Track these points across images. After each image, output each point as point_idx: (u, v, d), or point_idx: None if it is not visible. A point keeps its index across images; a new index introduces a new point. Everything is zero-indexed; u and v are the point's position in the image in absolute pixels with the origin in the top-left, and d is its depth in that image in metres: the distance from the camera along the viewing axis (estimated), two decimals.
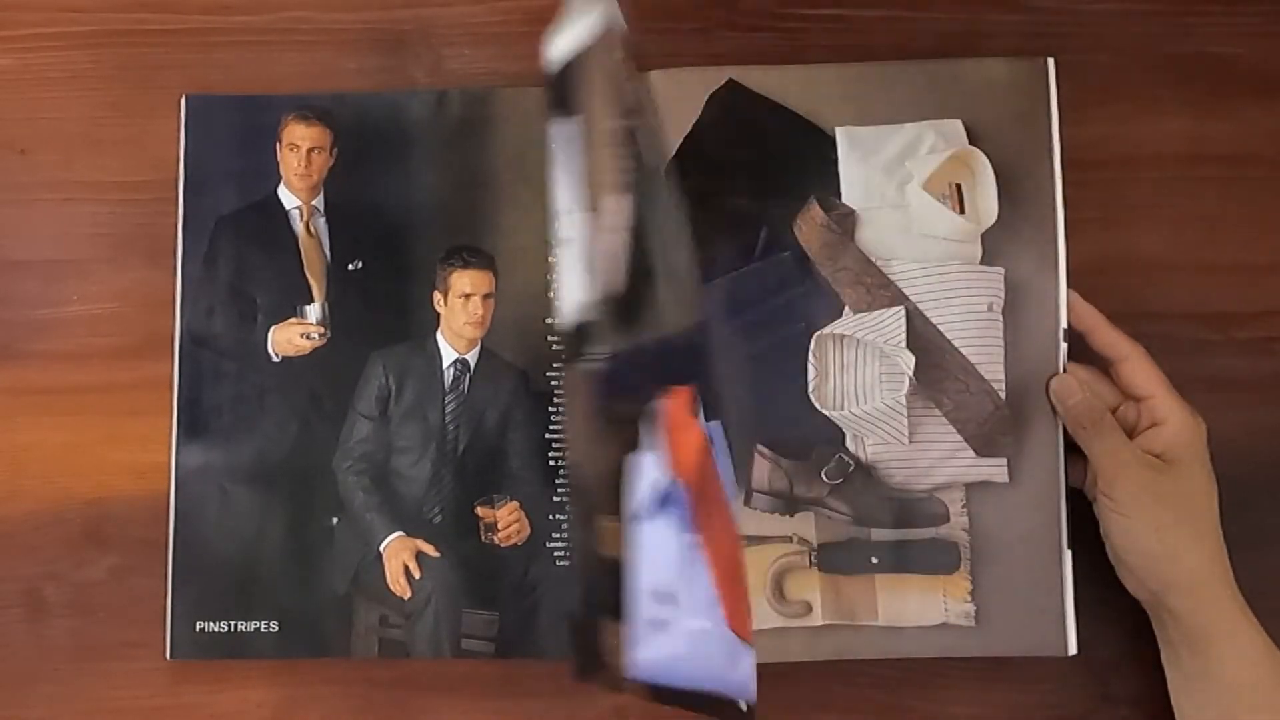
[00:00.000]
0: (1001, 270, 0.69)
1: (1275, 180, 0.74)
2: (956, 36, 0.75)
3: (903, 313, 0.68)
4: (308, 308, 0.71)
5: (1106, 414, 0.66)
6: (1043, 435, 0.68)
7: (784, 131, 0.70)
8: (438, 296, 0.71)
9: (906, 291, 0.69)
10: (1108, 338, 0.67)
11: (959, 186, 0.69)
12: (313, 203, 0.72)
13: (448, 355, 0.71)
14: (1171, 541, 0.64)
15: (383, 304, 0.71)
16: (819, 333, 0.69)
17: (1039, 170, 0.70)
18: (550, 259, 0.71)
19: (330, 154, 0.72)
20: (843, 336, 0.69)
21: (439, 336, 0.71)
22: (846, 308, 0.69)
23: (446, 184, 0.72)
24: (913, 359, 0.67)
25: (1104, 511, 0.65)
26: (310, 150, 0.72)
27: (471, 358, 0.71)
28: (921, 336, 0.68)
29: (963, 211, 0.69)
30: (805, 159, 0.70)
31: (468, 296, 0.71)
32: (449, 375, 0.71)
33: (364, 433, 0.71)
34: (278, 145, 0.72)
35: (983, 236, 0.69)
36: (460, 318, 0.71)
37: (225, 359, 0.71)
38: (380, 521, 0.70)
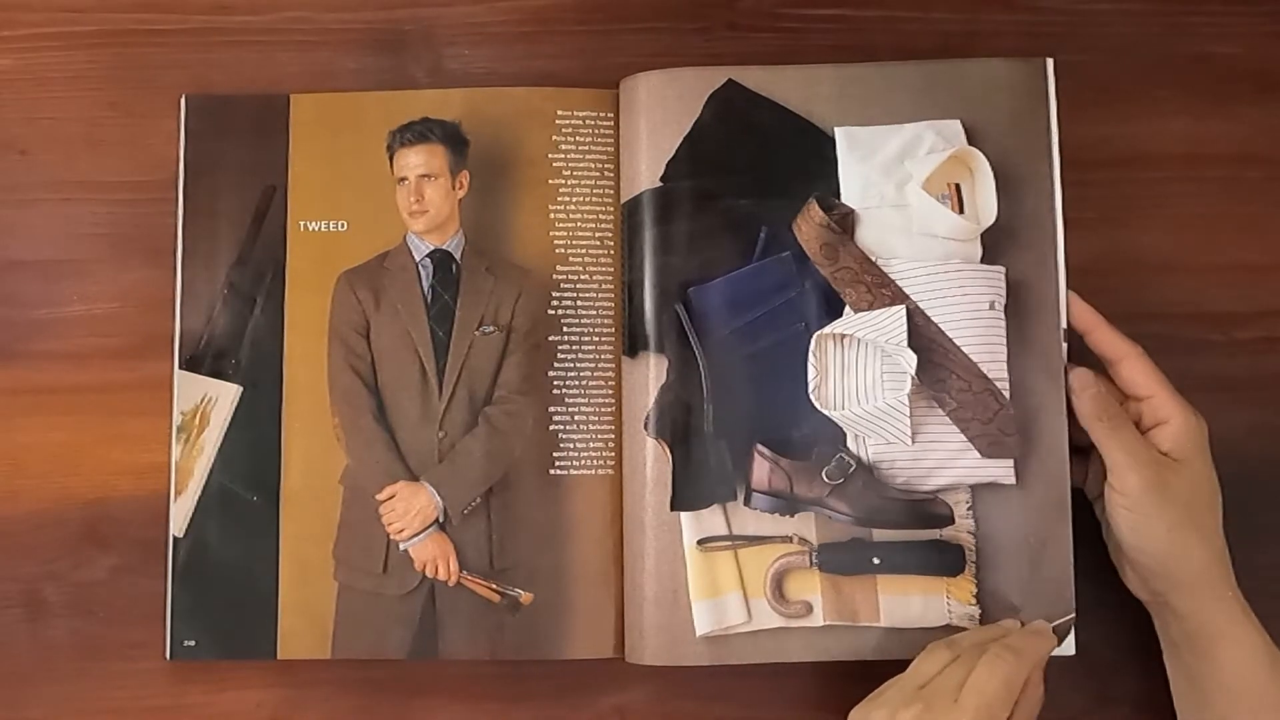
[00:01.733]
0: (1002, 269, 0.69)
1: (1275, 180, 0.74)
2: (956, 36, 0.75)
3: (903, 312, 0.68)
4: None
5: (1120, 408, 0.66)
6: (1049, 436, 0.68)
7: (784, 131, 0.70)
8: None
9: (907, 290, 0.69)
10: (1107, 338, 0.67)
11: (958, 186, 0.69)
12: None
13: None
14: (1179, 539, 0.64)
15: None
16: (819, 332, 0.69)
17: (1038, 170, 0.69)
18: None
19: None
20: (844, 336, 0.69)
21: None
22: (847, 307, 0.69)
23: None
24: (914, 358, 0.67)
25: (1114, 508, 0.65)
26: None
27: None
28: (923, 335, 0.68)
29: (962, 211, 0.69)
30: (805, 159, 0.70)
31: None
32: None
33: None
34: None
35: (982, 236, 0.69)
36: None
37: None
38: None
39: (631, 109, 0.71)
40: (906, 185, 0.69)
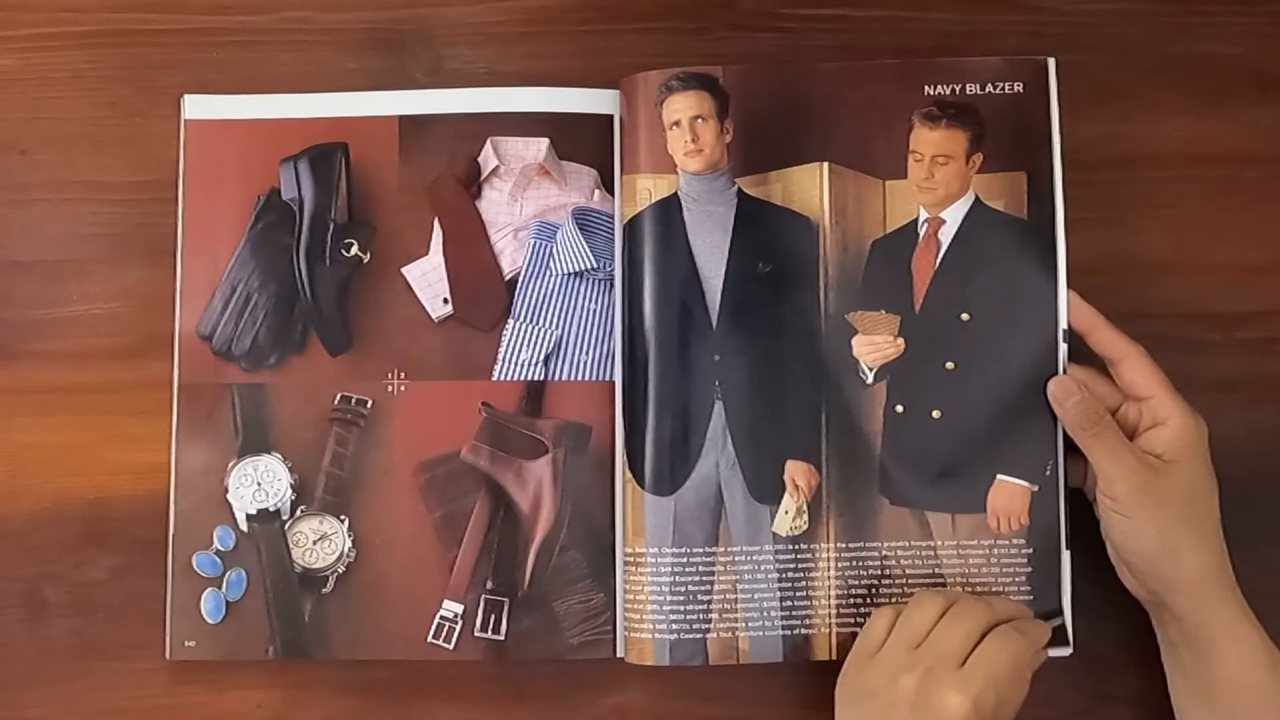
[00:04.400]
0: None
1: (1275, 180, 0.74)
2: (956, 36, 0.75)
3: None
4: None
5: (1105, 415, 0.66)
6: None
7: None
8: None
9: None
10: (1108, 338, 0.67)
11: None
12: None
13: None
14: (1172, 541, 0.64)
15: None
16: None
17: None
18: None
19: None
20: None
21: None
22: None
23: None
24: None
25: (1104, 512, 0.65)
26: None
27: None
28: None
29: None
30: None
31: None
32: None
33: None
34: None
35: None
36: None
37: None
38: None
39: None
40: None
